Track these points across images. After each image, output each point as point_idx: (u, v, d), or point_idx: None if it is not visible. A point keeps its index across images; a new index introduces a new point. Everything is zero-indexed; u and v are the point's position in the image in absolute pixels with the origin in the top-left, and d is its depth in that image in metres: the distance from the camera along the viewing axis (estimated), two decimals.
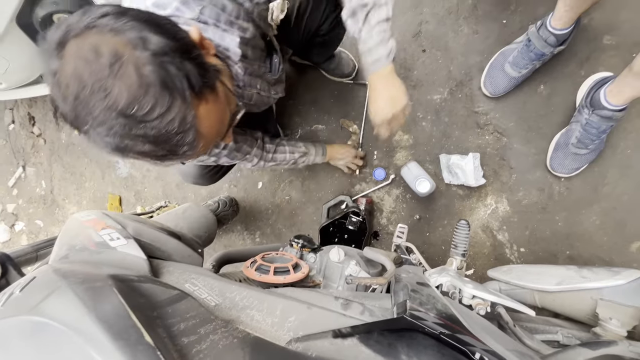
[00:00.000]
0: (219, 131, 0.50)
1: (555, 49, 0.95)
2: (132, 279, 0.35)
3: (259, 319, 0.44)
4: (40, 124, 1.86)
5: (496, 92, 1.08)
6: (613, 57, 1.00)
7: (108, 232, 0.50)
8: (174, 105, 0.40)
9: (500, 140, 1.13)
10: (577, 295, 0.66)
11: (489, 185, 1.14)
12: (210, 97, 0.46)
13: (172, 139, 0.42)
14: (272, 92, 0.89)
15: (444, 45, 1.19)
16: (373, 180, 1.28)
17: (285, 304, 0.47)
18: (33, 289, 0.32)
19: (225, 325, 0.37)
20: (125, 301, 0.27)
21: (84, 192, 1.80)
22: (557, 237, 1.07)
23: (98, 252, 0.46)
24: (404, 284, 0.54)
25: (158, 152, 0.42)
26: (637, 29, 0.98)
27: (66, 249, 0.47)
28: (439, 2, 1.19)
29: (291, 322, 0.44)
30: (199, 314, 0.37)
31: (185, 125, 0.42)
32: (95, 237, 0.49)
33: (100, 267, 0.39)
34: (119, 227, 0.52)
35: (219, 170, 1.07)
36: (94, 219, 0.53)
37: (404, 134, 1.24)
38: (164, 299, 0.36)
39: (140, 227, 0.55)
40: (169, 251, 0.55)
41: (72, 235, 0.50)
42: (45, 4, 1.06)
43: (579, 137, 0.95)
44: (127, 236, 0.50)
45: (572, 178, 1.04)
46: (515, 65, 1.01)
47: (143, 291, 0.34)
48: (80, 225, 0.52)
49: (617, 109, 0.87)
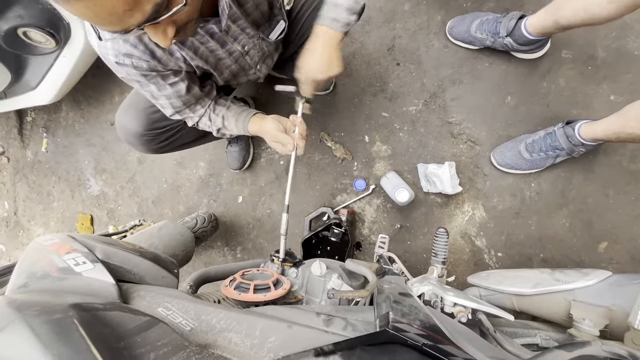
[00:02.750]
0: None
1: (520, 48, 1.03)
2: (96, 308, 0.33)
3: (237, 342, 0.42)
4: (2, 141, 1.76)
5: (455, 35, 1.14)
6: (570, 70, 1.07)
7: (73, 257, 0.47)
8: None
9: (473, 148, 1.17)
10: (551, 298, 0.68)
11: (465, 192, 1.17)
12: None
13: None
14: (258, 64, 0.86)
15: (417, 59, 1.23)
16: (354, 191, 1.29)
17: (265, 324, 0.45)
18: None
19: (200, 352, 0.35)
20: (87, 334, 0.25)
21: (51, 212, 1.70)
22: (531, 240, 1.11)
23: (60, 279, 0.43)
24: (386, 295, 0.54)
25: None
26: (589, 44, 1.06)
27: (25, 277, 0.44)
28: (411, 18, 1.24)
29: (271, 343, 0.43)
30: (171, 340, 0.34)
31: None
32: (58, 262, 0.46)
33: (62, 296, 0.36)
34: (85, 250, 0.49)
35: (166, 139, 0.94)
36: (57, 242, 0.50)
37: (383, 144, 1.26)
38: (132, 328, 0.34)
39: (109, 249, 0.52)
40: (140, 273, 0.52)
41: (33, 261, 0.47)
42: (10, 18, 1.02)
43: (534, 139, 1.01)
44: (94, 260, 0.47)
45: (541, 183, 1.09)
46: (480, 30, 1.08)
47: (109, 320, 0.32)
48: (42, 249, 0.49)
49: (589, 143, 0.92)
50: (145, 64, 0.69)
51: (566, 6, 0.77)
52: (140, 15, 0.44)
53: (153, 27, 0.49)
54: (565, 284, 0.66)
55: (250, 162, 1.39)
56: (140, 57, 0.68)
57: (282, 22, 0.82)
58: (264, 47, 0.85)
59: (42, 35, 1.09)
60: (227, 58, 0.79)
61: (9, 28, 1.05)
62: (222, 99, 0.91)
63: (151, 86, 0.75)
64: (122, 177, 1.57)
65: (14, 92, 1.30)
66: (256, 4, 0.71)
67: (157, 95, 0.78)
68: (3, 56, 1.14)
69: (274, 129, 0.81)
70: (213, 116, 0.88)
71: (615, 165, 1.04)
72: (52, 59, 1.21)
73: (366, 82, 1.29)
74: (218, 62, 0.79)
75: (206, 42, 0.72)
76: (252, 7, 0.71)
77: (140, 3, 0.43)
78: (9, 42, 1.09)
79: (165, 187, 1.52)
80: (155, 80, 0.74)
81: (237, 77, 0.91)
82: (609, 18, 0.71)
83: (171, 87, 0.77)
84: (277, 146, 0.82)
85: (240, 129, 0.88)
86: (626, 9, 0.67)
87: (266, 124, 0.83)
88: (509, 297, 0.76)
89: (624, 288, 0.59)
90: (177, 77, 0.76)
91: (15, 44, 1.11)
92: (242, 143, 1.33)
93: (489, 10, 1.14)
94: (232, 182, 1.44)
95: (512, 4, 1.12)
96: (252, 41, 0.79)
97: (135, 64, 0.69)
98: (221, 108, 0.89)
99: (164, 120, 0.89)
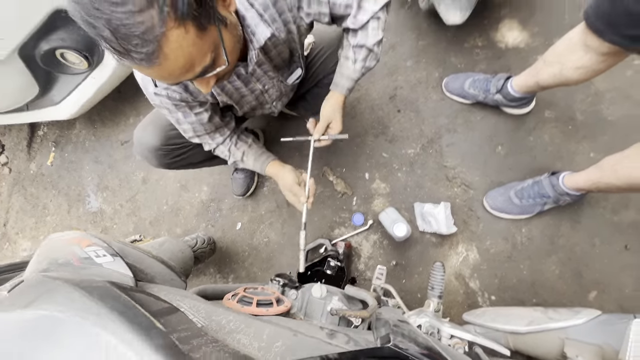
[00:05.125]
0: (186, 65, 0.51)
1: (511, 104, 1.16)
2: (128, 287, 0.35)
3: (245, 343, 0.43)
4: (9, 152, 1.79)
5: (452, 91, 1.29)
6: (553, 128, 1.19)
7: (94, 249, 0.49)
8: (147, 12, 0.42)
9: (467, 192, 1.24)
10: (545, 336, 0.69)
11: (459, 233, 1.22)
12: (193, 30, 0.47)
13: (131, 40, 0.43)
14: (274, 101, 0.97)
15: (416, 107, 1.35)
16: (352, 225, 1.32)
17: (272, 330, 0.46)
18: (24, 289, 0.31)
19: (216, 341, 0.36)
20: (130, 298, 0.27)
21: (43, 226, 1.67)
22: (524, 285, 1.13)
23: (82, 268, 0.45)
24: (385, 320, 0.55)
25: (115, 45, 0.43)
26: (569, 107, 1.19)
27: (47, 263, 0.45)
28: (412, 73, 1.39)
29: (278, 347, 0.44)
30: (190, 327, 0.36)
31: (149, 36, 0.43)
32: (80, 253, 0.47)
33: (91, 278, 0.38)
34: (104, 244, 0.51)
35: (178, 155, 1.01)
36: (77, 236, 0.52)
37: (382, 182, 1.33)
38: (155, 310, 0.35)
39: (125, 248, 0.54)
40: (152, 274, 0.53)
41: (54, 250, 0.48)
42: (52, 40, 1.12)
43: (523, 187, 1.09)
44: (114, 254, 0.49)
45: (531, 229, 1.15)
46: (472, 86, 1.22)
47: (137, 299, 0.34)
48: (62, 242, 0.51)
49: (572, 193, 1.00)
50: (178, 95, 0.78)
51: (544, 70, 0.91)
52: (192, 74, 0.54)
53: (199, 79, 0.59)
54: (557, 322, 0.68)
55: (254, 190, 1.43)
56: (175, 90, 0.77)
57: (300, 70, 0.93)
58: (282, 88, 0.95)
59: (77, 57, 1.20)
60: (249, 95, 0.89)
61: (49, 48, 1.15)
62: (243, 134, 1.01)
63: (179, 114, 0.83)
64: (124, 195, 1.59)
65: (37, 105, 1.37)
66: (279, 52, 0.81)
67: (181, 122, 0.86)
68: (36, 72, 1.22)
69: (291, 180, 0.90)
70: (233, 149, 0.97)
71: (599, 216, 1.11)
72: (81, 79, 1.31)
73: (369, 124, 1.39)
74: (241, 98, 0.89)
75: (233, 81, 0.82)
76: (276, 55, 0.81)
77: (193, 67, 0.52)
78: (46, 60, 1.19)
79: (165, 208, 1.54)
80: (183, 110, 0.83)
81: (254, 110, 1.00)
82: (579, 81, 0.84)
83: (196, 116, 0.85)
84: (289, 195, 0.91)
85: (257, 168, 0.99)
86: (593, 74, 0.80)
87: (285, 173, 0.93)
88: (504, 336, 0.77)
89: (613, 327, 0.62)
90: (202, 107, 0.85)
91: (51, 63, 1.21)
92: (248, 171, 1.39)
93: (480, 71, 1.29)
94: (233, 208, 1.47)
95: (500, 67, 1.28)
96: (272, 82, 0.89)
97: (169, 95, 0.78)
98: (243, 144, 0.98)
99: (179, 137, 0.96)
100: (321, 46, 1.00)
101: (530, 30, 1.30)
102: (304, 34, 0.83)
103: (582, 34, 0.75)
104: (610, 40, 0.68)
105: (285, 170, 0.94)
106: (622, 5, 0.62)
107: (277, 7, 0.69)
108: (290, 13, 0.72)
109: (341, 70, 0.87)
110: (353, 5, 0.74)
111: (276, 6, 0.68)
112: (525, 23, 1.31)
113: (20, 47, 1.10)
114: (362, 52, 0.81)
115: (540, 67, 0.92)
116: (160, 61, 0.47)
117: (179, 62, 0.49)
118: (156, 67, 0.48)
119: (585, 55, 0.77)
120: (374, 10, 0.75)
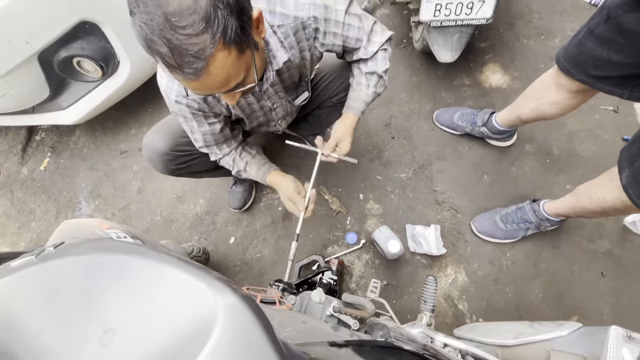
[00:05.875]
0: (223, 81, 0.58)
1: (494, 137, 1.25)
2: None
3: None
4: (1, 155, 1.77)
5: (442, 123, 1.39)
6: (534, 160, 1.31)
7: (114, 231, 0.51)
8: (203, 36, 0.50)
9: (455, 216, 1.31)
10: (533, 348, 0.72)
11: (448, 256, 1.26)
12: (234, 52, 0.55)
13: (185, 57, 0.51)
14: (280, 119, 1.03)
15: (409, 135, 1.46)
16: (345, 244, 1.35)
17: (282, 316, 0.49)
18: (69, 245, 0.33)
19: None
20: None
21: (26, 232, 1.61)
22: (509, 308, 1.17)
23: None
24: (382, 324, 0.58)
25: (170, 60, 0.51)
26: (547, 143, 1.32)
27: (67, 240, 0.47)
28: (405, 104, 1.51)
29: (288, 332, 0.46)
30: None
31: (201, 55, 0.51)
32: (101, 233, 0.49)
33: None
34: (124, 227, 0.53)
35: (183, 162, 1.05)
36: (97, 220, 0.54)
37: (375, 203, 1.38)
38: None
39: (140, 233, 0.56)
40: None
41: (74, 230, 0.50)
42: (72, 48, 1.18)
43: (508, 212, 1.17)
44: (134, 236, 0.51)
45: (515, 253, 1.21)
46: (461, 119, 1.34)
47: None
48: (81, 224, 0.52)
49: (552, 218, 1.09)
50: (197, 105, 0.84)
51: (524, 105, 1.03)
52: (225, 88, 0.61)
53: (228, 93, 0.66)
54: (543, 334, 0.72)
55: (251, 204, 1.45)
56: (195, 100, 0.83)
57: (307, 93, 1.02)
58: (288, 108, 1.03)
59: (93, 65, 1.25)
60: (259, 110, 0.96)
61: (67, 56, 1.21)
62: (248, 146, 1.06)
63: (194, 122, 0.89)
64: (117, 204, 1.57)
65: (43, 109, 1.39)
66: (291, 75, 0.90)
67: (195, 130, 0.91)
68: (50, 76, 1.26)
69: (292, 188, 0.96)
70: (238, 159, 1.02)
71: (577, 244, 1.19)
72: (92, 87, 1.35)
73: (365, 148, 1.48)
74: (252, 113, 0.95)
75: (247, 97, 0.89)
76: (287, 77, 0.90)
77: (229, 83, 0.60)
78: (62, 67, 1.24)
79: (158, 219, 1.53)
80: (198, 119, 0.89)
81: (261, 126, 1.06)
82: (555, 115, 0.96)
83: (209, 126, 0.91)
84: (288, 203, 0.96)
85: (259, 177, 1.04)
86: (567, 109, 0.93)
87: (286, 181, 0.98)
88: (493, 349, 0.79)
89: (595, 337, 0.66)
90: (216, 119, 0.91)
91: (67, 69, 1.26)
92: (247, 185, 1.42)
93: (468, 106, 1.42)
94: (228, 222, 1.48)
95: (485, 104, 1.42)
96: (280, 101, 0.97)
97: (189, 103, 0.83)
98: (247, 155, 1.04)
99: (187, 145, 1.00)
100: (324, 72, 1.10)
101: (512, 74, 1.46)
102: (315, 62, 0.92)
103: (554, 74, 0.88)
104: (579, 79, 0.80)
105: (287, 179, 0.99)
106: (587, 50, 0.74)
107: (297, 36, 0.78)
108: (307, 42, 0.81)
109: (354, 95, 0.95)
110: (363, 39, 0.84)
111: (296, 35, 0.77)
112: (506, 67, 1.48)
113: (41, 52, 1.15)
114: (373, 79, 0.91)
115: (521, 103, 1.04)
116: (204, 76, 0.54)
117: (218, 78, 0.57)
118: (199, 81, 0.55)
119: (558, 92, 0.89)
120: (381, 41, 0.86)
